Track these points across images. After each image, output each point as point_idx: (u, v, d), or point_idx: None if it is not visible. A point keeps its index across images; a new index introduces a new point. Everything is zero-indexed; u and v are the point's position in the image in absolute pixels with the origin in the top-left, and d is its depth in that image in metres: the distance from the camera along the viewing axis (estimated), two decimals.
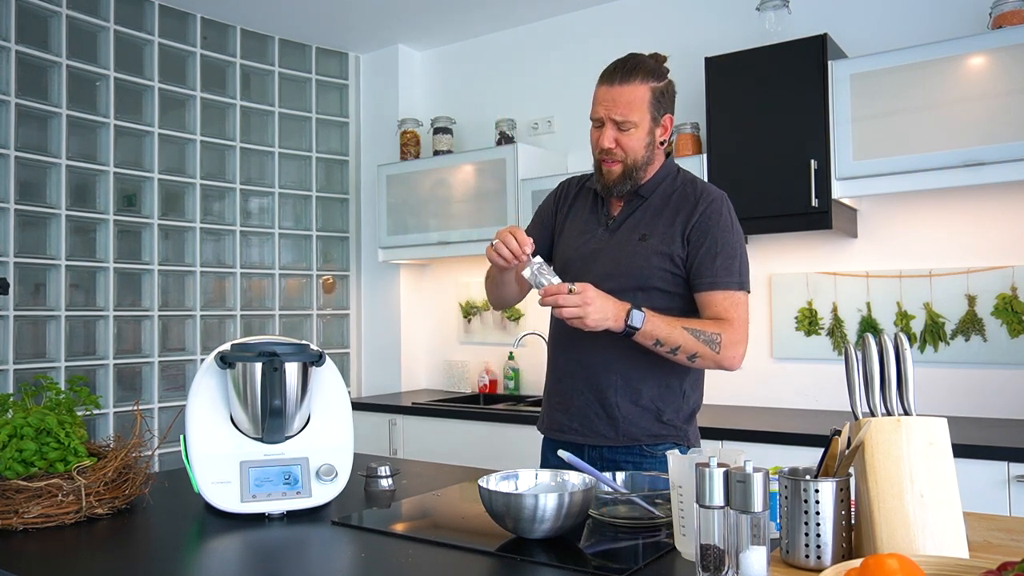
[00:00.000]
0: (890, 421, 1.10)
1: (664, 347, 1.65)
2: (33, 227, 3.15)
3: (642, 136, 1.74)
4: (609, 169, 1.77)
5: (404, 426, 3.47)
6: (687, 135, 3.12)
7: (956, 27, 2.80)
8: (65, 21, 3.22)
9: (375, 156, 4.17)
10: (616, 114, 1.72)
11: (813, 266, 3.10)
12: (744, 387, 3.22)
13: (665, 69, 1.77)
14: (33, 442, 1.47)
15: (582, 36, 3.69)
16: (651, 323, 1.62)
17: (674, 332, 1.64)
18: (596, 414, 1.77)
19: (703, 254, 1.71)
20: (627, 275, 1.74)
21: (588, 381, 1.78)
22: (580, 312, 1.56)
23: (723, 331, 1.68)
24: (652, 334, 1.63)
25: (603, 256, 1.78)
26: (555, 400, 1.86)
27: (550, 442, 1.88)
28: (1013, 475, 2.21)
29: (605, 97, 1.74)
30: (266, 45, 3.94)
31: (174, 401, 3.52)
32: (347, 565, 1.29)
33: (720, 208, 1.75)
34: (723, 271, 1.70)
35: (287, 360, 1.55)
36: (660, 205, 1.78)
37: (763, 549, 0.99)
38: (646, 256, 1.74)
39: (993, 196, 2.76)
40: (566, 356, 1.83)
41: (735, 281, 1.71)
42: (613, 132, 1.73)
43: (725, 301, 1.70)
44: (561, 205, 1.95)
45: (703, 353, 1.67)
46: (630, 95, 1.71)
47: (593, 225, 1.84)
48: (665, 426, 1.76)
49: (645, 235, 1.76)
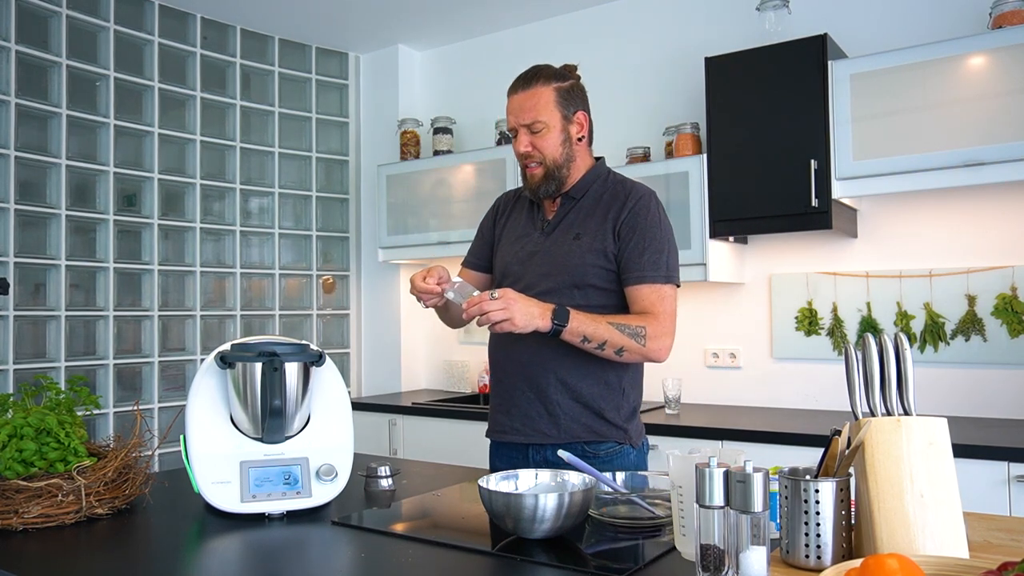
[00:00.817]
0: (890, 421, 1.10)
1: (591, 343, 1.68)
2: (33, 227, 3.15)
3: (555, 135, 1.81)
4: (532, 173, 1.84)
5: (404, 426, 3.47)
6: (687, 135, 3.12)
7: (956, 27, 2.80)
8: (65, 21, 3.22)
9: (375, 156, 4.17)
10: (524, 119, 1.81)
11: (813, 266, 3.10)
12: (744, 387, 3.23)
13: (570, 74, 1.85)
14: (33, 442, 1.47)
15: (582, 36, 3.69)
16: (576, 320, 1.66)
17: (599, 328, 1.68)
18: (537, 412, 1.79)
19: (631, 249, 1.76)
20: (563, 273, 1.78)
21: (528, 380, 1.80)
22: (507, 314, 1.59)
23: (648, 324, 1.72)
24: (578, 331, 1.67)
25: (540, 257, 1.83)
26: (497, 402, 1.89)
27: (497, 445, 1.90)
28: (1013, 475, 2.21)
29: (513, 107, 1.83)
30: (266, 45, 3.94)
31: (174, 401, 3.52)
32: (347, 565, 1.29)
33: (648, 204, 1.80)
34: (650, 265, 1.75)
35: (287, 360, 1.55)
36: (592, 205, 1.83)
37: (763, 549, 0.99)
38: (581, 254, 1.78)
39: (993, 196, 2.76)
40: (506, 357, 1.86)
41: (662, 275, 1.75)
42: (527, 137, 1.82)
43: (652, 295, 1.75)
44: (499, 218, 2.01)
45: (629, 346, 1.70)
46: (534, 98, 1.80)
47: (529, 229, 1.90)
48: (607, 424, 1.78)
49: (579, 234, 1.81)
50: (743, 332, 3.24)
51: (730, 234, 2.95)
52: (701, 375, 3.32)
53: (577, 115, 1.84)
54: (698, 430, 2.70)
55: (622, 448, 1.80)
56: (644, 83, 3.49)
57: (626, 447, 1.81)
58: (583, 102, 1.86)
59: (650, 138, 3.40)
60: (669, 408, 3.05)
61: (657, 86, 3.43)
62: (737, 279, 3.19)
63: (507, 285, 1.86)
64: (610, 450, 1.78)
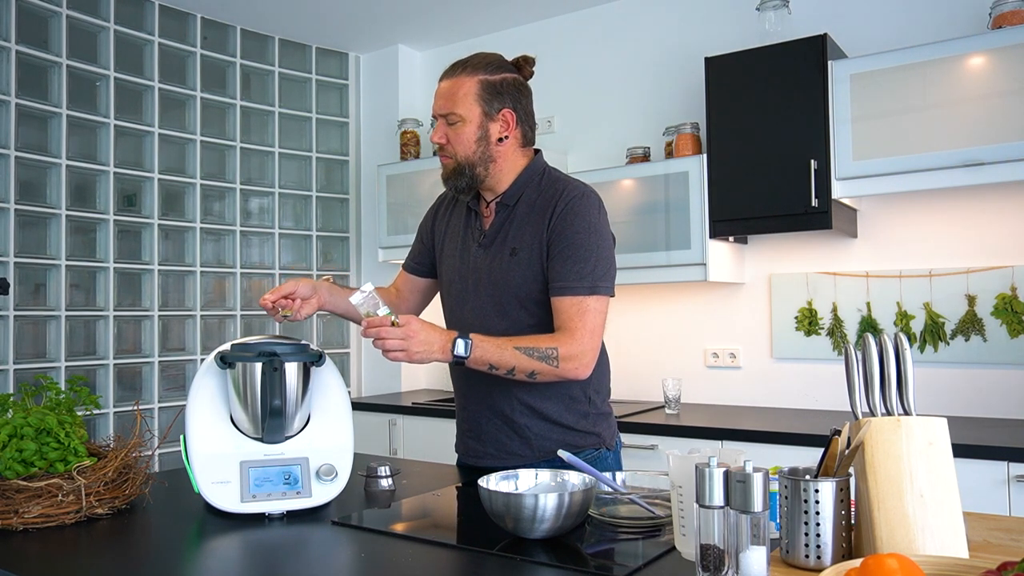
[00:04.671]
0: (890, 421, 1.10)
1: (500, 371, 1.58)
2: (33, 227, 3.15)
3: (470, 131, 1.67)
4: (444, 164, 1.73)
5: (404, 426, 3.47)
6: (687, 135, 3.12)
7: (956, 27, 2.80)
8: (65, 21, 3.22)
9: (375, 156, 4.17)
10: (440, 108, 1.69)
11: (813, 266, 3.10)
12: (744, 387, 3.23)
13: (521, 68, 1.73)
14: (33, 442, 1.47)
15: (582, 36, 3.69)
16: (480, 348, 1.55)
17: (504, 354, 1.56)
18: (507, 436, 1.73)
19: (555, 256, 1.64)
20: (505, 291, 1.69)
21: (492, 407, 1.73)
22: (403, 345, 1.49)
23: (560, 344, 1.59)
24: (483, 359, 1.56)
25: (481, 275, 1.73)
26: (466, 427, 1.82)
27: (467, 468, 1.83)
28: (1013, 475, 2.21)
29: (436, 93, 1.71)
30: (266, 45, 3.94)
31: (174, 401, 3.52)
32: (347, 565, 1.29)
33: (577, 206, 1.65)
34: (573, 275, 1.62)
35: (287, 360, 1.54)
36: (525, 213, 1.71)
37: (763, 549, 0.99)
38: (520, 272, 1.67)
39: (993, 196, 2.76)
40: (467, 383, 1.78)
41: (585, 286, 1.61)
42: (443, 128, 1.69)
43: (571, 308, 1.62)
44: (438, 222, 1.90)
45: (541, 370, 1.58)
46: (454, 88, 1.67)
47: (468, 242, 1.78)
48: (578, 434, 1.72)
49: (515, 249, 1.69)
50: (743, 332, 3.25)
51: (730, 234, 2.95)
52: (701, 375, 3.32)
53: (502, 112, 1.68)
54: (698, 430, 2.70)
55: (599, 453, 1.75)
56: (644, 83, 3.49)
57: (603, 451, 1.75)
58: (513, 99, 1.69)
59: (650, 138, 3.40)
60: (669, 408, 3.05)
61: (657, 86, 3.43)
62: (737, 279, 3.19)
63: (452, 303, 1.79)
64: (588, 457, 1.71)
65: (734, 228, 2.91)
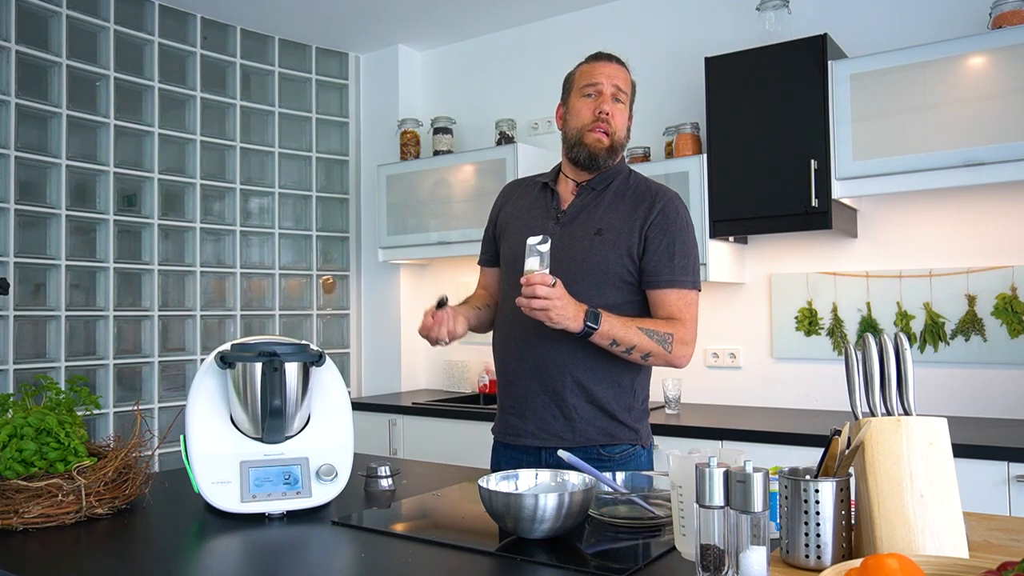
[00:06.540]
0: (890, 421, 1.10)
1: (620, 347, 1.66)
2: (33, 227, 3.15)
3: (626, 117, 1.82)
4: (598, 138, 1.78)
5: (404, 426, 3.47)
6: (687, 135, 3.12)
7: (956, 27, 2.80)
8: (65, 21, 3.22)
9: (375, 156, 4.17)
10: (618, 82, 1.78)
11: (813, 266, 3.10)
12: (744, 387, 3.23)
13: None
14: (33, 442, 1.47)
15: (582, 36, 3.69)
16: (608, 323, 1.63)
17: (629, 332, 1.65)
18: (553, 416, 1.76)
19: (661, 252, 1.73)
20: (583, 269, 1.74)
21: (542, 383, 1.76)
22: (550, 305, 1.55)
23: (675, 330, 1.70)
24: (609, 334, 1.64)
25: (555, 250, 1.72)
26: (508, 404, 1.84)
27: (504, 446, 1.86)
28: (1013, 475, 2.21)
29: (605, 70, 1.79)
30: (266, 45, 3.94)
31: (174, 401, 3.52)
32: (347, 565, 1.29)
33: (677, 207, 1.77)
34: (680, 270, 1.73)
35: (287, 360, 1.55)
36: (613, 200, 1.79)
37: (763, 549, 0.99)
38: (603, 252, 1.73)
39: (993, 196, 2.76)
40: (518, 358, 1.81)
41: (689, 280, 1.74)
42: (612, 103, 1.78)
43: (679, 300, 1.73)
44: (503, 208, 1.96)
45: (656, 352, 1.69)
46: (623, 73, 1.81)
47: (542, 219, 1.83)
48: (620, 426, 1.76)
49: (600, 230, 1.75)
50: (743, 332, 3.25)
51: (730, 234, 2.95)
52: (701, 375, 3.32)
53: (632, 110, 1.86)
54: (698, 430, 2.70)
55: (635, 449, 1.78)
56: (644, 83, 3.44)
57: (638, 448, 1.79)
58: None
59: (650, 138, 3.40)
60: (669, 408, 3.05)
61: (657, 86, 3.43)
62: (737, 279, 3.19)
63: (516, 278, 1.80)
64: (624, 452, 1.76)
65: (734, 228, 2.91)
